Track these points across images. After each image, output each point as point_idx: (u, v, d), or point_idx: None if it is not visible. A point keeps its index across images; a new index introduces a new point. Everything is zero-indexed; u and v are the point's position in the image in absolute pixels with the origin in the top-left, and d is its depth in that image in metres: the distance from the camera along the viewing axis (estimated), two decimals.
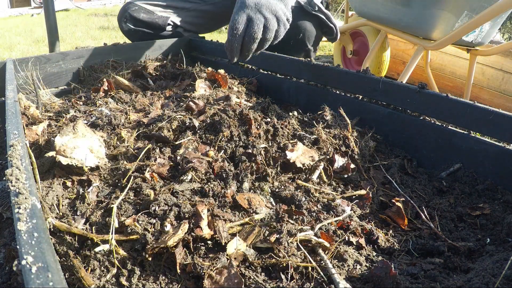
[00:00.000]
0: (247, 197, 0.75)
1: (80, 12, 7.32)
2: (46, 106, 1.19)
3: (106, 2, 9.02)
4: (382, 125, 1.09)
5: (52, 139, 0.83)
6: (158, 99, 1.24)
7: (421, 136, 1.01)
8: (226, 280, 0.58)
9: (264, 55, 1.45)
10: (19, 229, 0.41)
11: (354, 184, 0.91)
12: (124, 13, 1.83)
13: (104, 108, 1.11)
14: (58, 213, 0.70)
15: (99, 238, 0.62)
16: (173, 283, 0.59)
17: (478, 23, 1.62)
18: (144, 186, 0.75)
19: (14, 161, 0.55)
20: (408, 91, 1.02)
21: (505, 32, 3.54)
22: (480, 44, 1.97)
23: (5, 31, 4.66)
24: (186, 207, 0.68)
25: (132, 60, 1.61)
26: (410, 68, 1.91)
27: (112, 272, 0.59)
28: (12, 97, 0.86)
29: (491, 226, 0.77)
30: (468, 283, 0.57)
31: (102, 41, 3.56)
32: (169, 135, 0.92)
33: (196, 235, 0.62)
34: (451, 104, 0.94)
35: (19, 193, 0.47)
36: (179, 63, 1.68)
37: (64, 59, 1.44)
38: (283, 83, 1.38)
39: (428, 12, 1.78)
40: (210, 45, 1.71)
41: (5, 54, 3.22)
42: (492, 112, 0.86)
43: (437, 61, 2.44)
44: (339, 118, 1.07)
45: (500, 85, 2.14)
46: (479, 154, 0.90)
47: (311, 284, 0.60)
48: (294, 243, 0.65)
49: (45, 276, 0.35)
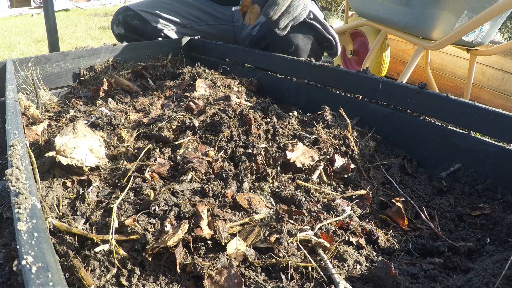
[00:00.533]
0: (247, 197, 0.75)
1: (80, 12, 7.32)
2: (46, 106, 1.19)
3: (106, 2, 9.02)
4: (382, 125, 1.09)
5: (52, 139, 0.83)
6: (158, 99, 1.24)
7: (421, 136, 1.01)
8: (226, 280, 0.58)
9: (264, 55, 1.45)
10: (19, 229, 0.41)
11: (354, 184, 0.91)
12: (117, 16, 1.80)
13: (104, 108, 1.11)
14: (58, 213, 0.70)
15: (99, 238, 0.62)
16: (173, 283, 0.59)
17: (478, 23, 1.62)
18: (144, 186, 0.75)
19: (14, 161, 0.55)
20: (408, 91, 1.02)
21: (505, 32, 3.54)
22: (480, 44, 1.97)
23: (5, 31, 4.66)
24: (186, 207, 0.68)
25: (132, 60, 1.61)
26: (410, 68, 1.91)
27: (112, 272, 0.59)
28: (12, 97, 0.86)
29: (491, 226, 0.77)
30: (468, 283, 0.57)
31: (102, 41, 3.56)
32: (169, 135, 0.92)
33: (196, 235, 0.62)
34: (451, 104, 0.94)
35: (19, 193, 0.47)
36: (179, 63, 1.68)
37: (64, 59, 1.44)
38: (283, 83, 1.38)
39: (428, 12, 1.78)
40: (210, 45, 1.71)
41: (5, 54, 3.22)
42: (492, 112, 0.86)
43: (437, 61, 2.44)
44: (339, 118, 1.07)
45: (500, 85, 2.14)
46: (479, 154, 0.90)
47: (311, 284, 0.60)
48: (294, 243, 0.65)
49: (45, 276, 0.35)
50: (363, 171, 0.95)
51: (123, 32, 1.81)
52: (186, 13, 1.86)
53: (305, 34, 1.45)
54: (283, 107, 1.30)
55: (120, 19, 1.80)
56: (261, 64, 1.49)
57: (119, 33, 1.83)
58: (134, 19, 1.77)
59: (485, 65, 2.20)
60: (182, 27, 1.86)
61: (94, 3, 8.89)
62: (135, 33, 1.80)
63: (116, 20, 1.82)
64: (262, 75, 1.47)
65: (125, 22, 1.79)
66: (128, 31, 1.80)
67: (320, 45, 1.52)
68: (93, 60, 1.52)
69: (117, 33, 1.84)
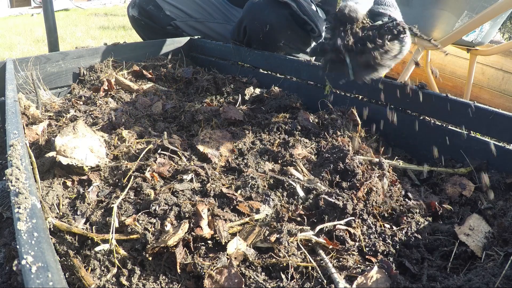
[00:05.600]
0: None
1: (80, 12, 7.32)
2: (46, 106, 1.19)
3: (106, 2, 9.01)
4: (382, 125, 1.09)
5: (52, 139, 0.83)
6: (159, 99, 1.24)
7: (421, 136, 1.01)
8: (226, 279, 0.58)
9: (264, 55, 1.45)
10: (19, 229, 0.41)
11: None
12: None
13: (104, 108, 1.11)
14: (58, 212, 0.70)
15: (99, 238, 0.62)
16: (173, 283, 0.59)
17: (478, 23, 1.62)
18: (145, 186, 0.75)
19: (14, 161, 0.55)
20: (408, 91, 1.02)
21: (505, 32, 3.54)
22: (480, 44, 1.97)
23: (5, 31, 4.66)
24: (186, 207, 0.68)
25: (132, 60, 1.61)
26: (410, 68, 1.91)
27: (112, 271, 0.59)
28: (12, 97, 0.86)
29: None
30: (468, 283, 0.57)
31: (102, 41, 3.56)
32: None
33: (196, 234, 0.62)
34: (451, 104, 0.94)
35: (19, 193, 0.47)
36: (179, 63, 1.68)
37: (64, 59, 1.44)
38: (283, 83, 1.38)
39: (428, 12, 1.78)
40: (210, 45, 1.71)
41: (5, 54, 3.22)
42: (492, 112, 0.86)
43: (437, 61, 2.44)
44: (345, 119, 1.07)
45: (500, 85, 2.14)
46: (479, 154, 0.90)
47: (311, 284, 0.60)
48: (294, 243, 0.65)
49: (45, 275, 0.35)
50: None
51: (136, 15, 1.87)
52: (200, 8, 1.91)
53: (278, 13, 1.40)
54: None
55: (136, 2, 1.86)
56: (261, 64, 1.49)
57: (132, 15, 1.88)
58: (149, 4, 1.83)
59: (485, 65, 2.20)
60: (194, 20, 1.90)
61: (94, 3, 8.89)
62: (147, 18, 1.85)
63: (132, 2, 1.89)
64: (262, 75, 1.47)
65: (140, 5, 1.84)
66: (142, 14, 1.85)
67: (300, 26, 1.44)
68: (93, 60, 1.52)
69: (130, 15, 1.89)
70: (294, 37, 1.45)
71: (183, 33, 1.92)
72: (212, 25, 1.93)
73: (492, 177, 0.84)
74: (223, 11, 1.94)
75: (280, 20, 1.40)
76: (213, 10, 1.93)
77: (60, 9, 7.35)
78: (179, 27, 1.88)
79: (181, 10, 1.87)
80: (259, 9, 1.39)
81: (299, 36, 1.47)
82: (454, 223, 0.74)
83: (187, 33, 1.92)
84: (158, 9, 1.84)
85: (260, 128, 1.05)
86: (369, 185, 0.77)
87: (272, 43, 1.45)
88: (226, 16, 1.95)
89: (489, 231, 0.70)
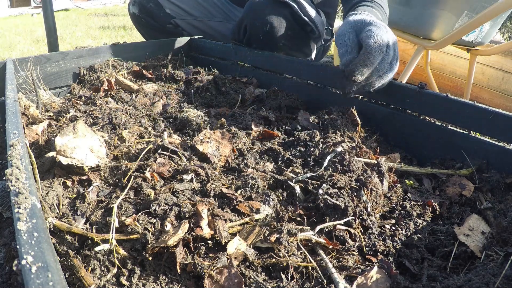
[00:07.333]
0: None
1: (80, 12, 7.32)
2: (46, 106, 1.19)
3: (106, 2, 9.01)
4: (382, 125, 1.09)
5: (52, 139, 0.83)
6: (159, 99, 1.24)
7: (421, 136, 1.01)
8: (226, 279, 0.58)
9: (264, 55, 1.45)
10: (19, 229, 0.41)
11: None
12: None
13: (104, 107, 1.11)
14: (58, 212, 0.70)
15: (99, 238, 0.62)
16: (173, 283, 0.59)
17: (478, 23, 1.62)
18: (145, 186, 0.75)
19: (14, 161, 0.55)
20: (408, 91, 1.02)
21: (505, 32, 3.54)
22: (480, 44, 1.97)
23: (5, 31, 4.66)
24: (186, 207, 0.68)
25: (132, 60, 1.61)
26: (410, 68, 1.91)
27: (112, 271, 0.59)
28: (12, 96, 0.86)
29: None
30: (468, 283, 0.57)
31: (102, 41, 3.56)
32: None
33: (196, 234, 0.62)
34: (451, 104, 0.94)
35: (19, 192, 0.47)
36: (179, 63, 1.68)
37: (64, 59, 1.44)
38: (283, 83, 1.38)
39: (428, 12, 1.78)
40: (210, 45, 1.71)
41: (5, 54, 3.22)
42: (492, 112, 0.86)
43: (437, 61, 2.44)
44: (345, 119, 1.07)
45: (500, 85, 2.14)
46: (480, 154, 0.90)
47: (311, 284, 0.60)
48: (294, 242, 0.65)
49: (45, 276, 0.35)
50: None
51: (137, 12, 1.87)
52: (200, 6, 1.91)
53: (279, 12, 1.41)
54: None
55: (137, 0, 1.87)
56: (261, 64, 1.49)
57: (133, 12, 1.89)
58: (150, 2, 1.84)
59: (485, 65, 2.20)
60: (194, 19, 1.91)
61: (94, 3, 8.89)
62: (148, 15, 1.86)
63: (133, 0, 1.89)
64: (262, 75, 1.47)
65: (141, 3, 1.85)
66: (142, 12, 1.86)
67: (300, 26, 1.45)
68: (93, 60, 1.52)
69: (131, 12, 1.90)
70: (294, 38, 1.46)
71: (183, 31, 1.92)
72: (212, 23, 1.93)
73: (492, 177, 0.84)
74: (224, 10, 1.95)
75: (280, 20, 1.40)
76: (213, 9, 1.93)
77: (60, 9, 7.35)
78: (179, 25, 1.88)
79: (182, 8, 1.88)
80: (260, 9, 1.39)
81: (299, 36, 1.48)
82: (453, 223, 0.74)
83: (187, 31, 1.92)
84: (158, 7, 1.84)
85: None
86: (369, 186, 0.77)
87: (272, 43, 1.45)
88: (226, 15, 1.95)
89: (489, 231, 0.70)
